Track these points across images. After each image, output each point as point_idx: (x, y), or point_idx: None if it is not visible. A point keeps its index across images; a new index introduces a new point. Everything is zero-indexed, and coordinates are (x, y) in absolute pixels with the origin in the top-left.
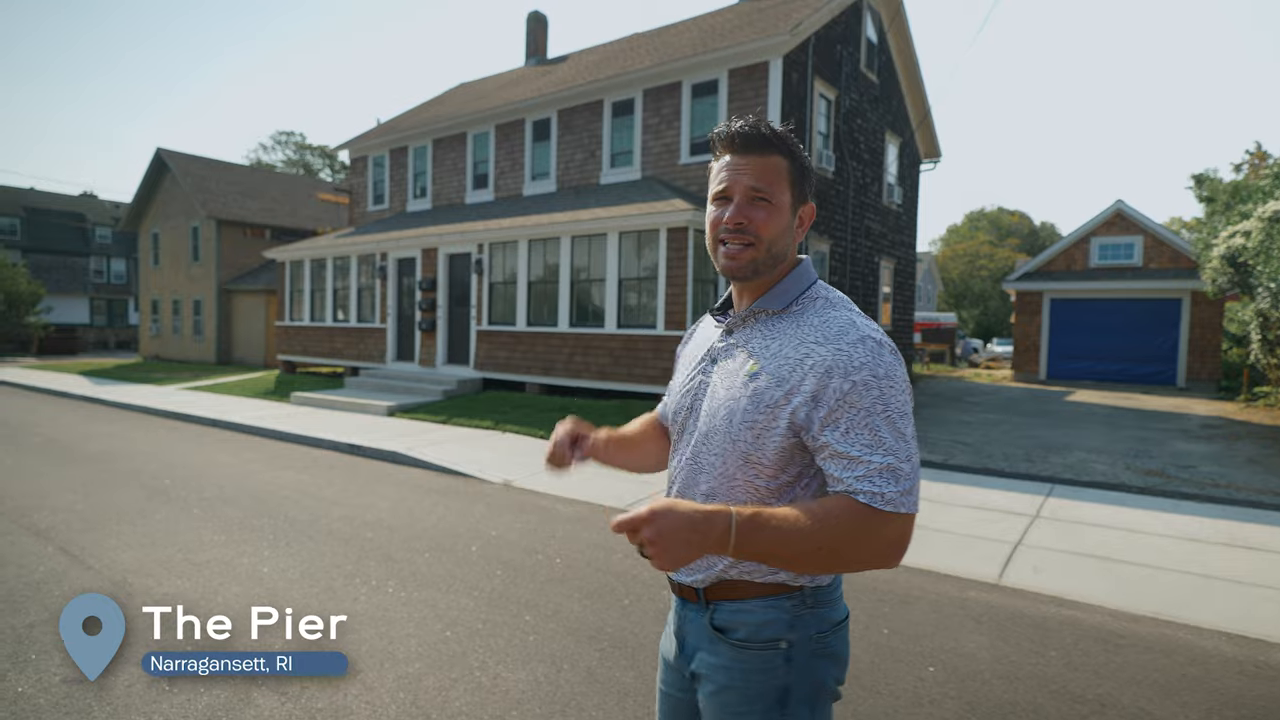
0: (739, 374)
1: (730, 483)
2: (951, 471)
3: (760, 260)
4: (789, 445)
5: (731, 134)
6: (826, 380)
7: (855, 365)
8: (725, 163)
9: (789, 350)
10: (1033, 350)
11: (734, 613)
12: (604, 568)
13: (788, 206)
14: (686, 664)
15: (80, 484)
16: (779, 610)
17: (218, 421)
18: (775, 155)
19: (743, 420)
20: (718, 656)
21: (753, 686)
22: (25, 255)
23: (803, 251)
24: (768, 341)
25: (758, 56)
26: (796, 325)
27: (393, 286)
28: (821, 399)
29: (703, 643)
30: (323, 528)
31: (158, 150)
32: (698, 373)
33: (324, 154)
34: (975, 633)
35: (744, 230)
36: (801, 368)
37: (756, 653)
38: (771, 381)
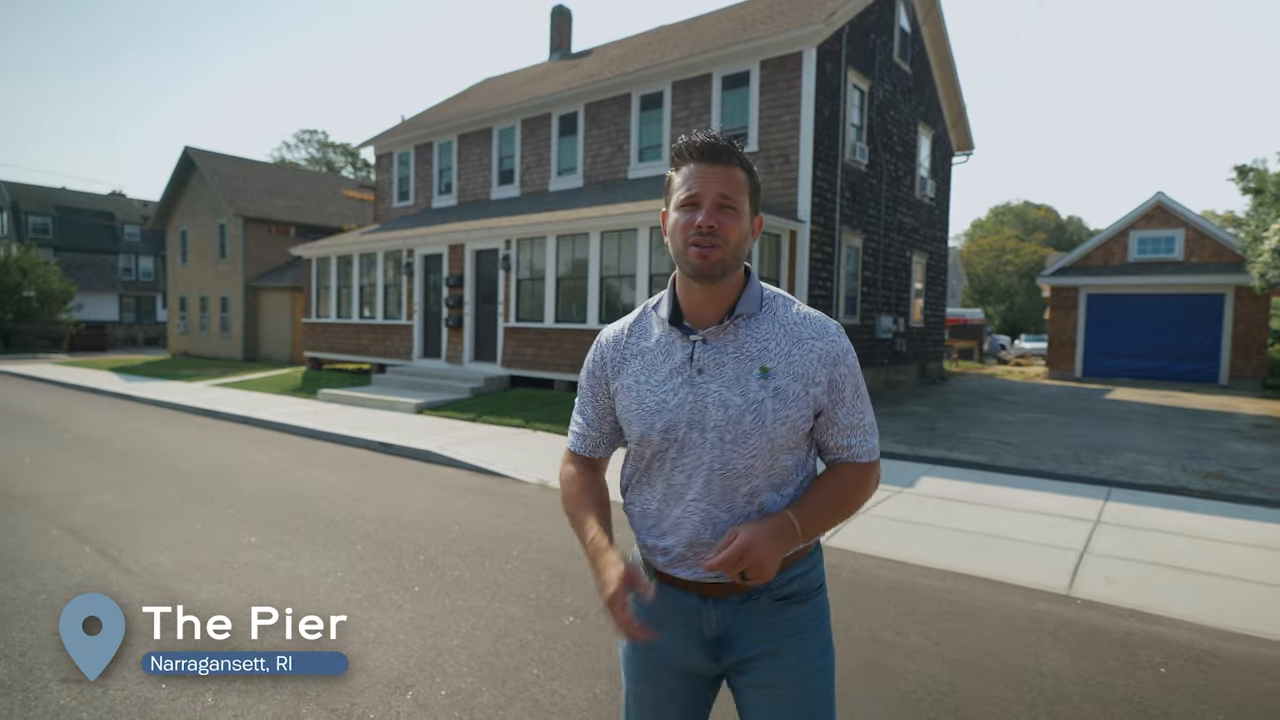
0: (749, 377)
1: (769, 475)
2: (1000, 473)
3: (727, 261)
4: (808, 428)
5: (699, 144)
6: (832, 368)
7: (842, 351)
8: (692, 170)
9: (786, 347)
10: (1068, 347)
11: (787, 581)
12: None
13: (747, 214)
14: (728, 656)
15: (114, 482)
16: (813, 563)
17: (247, 419)
18: (737, 168)
19: (776, 418)
20: (785, 623)
21: (820, 628)
22: (57, 253)
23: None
24: (764, 343)
25: (791, 47)
26: (777, 324)
27: (419, 283)
28: (834, 384)
29: (759, 623)
30: (360, 529)
31: (185, 149)
32: (683, 385)
33: (346, 151)
34: (1054, 650)
35: (715, 233)
36: (810, 361)
37: (815, 598)
38: (789, 378)
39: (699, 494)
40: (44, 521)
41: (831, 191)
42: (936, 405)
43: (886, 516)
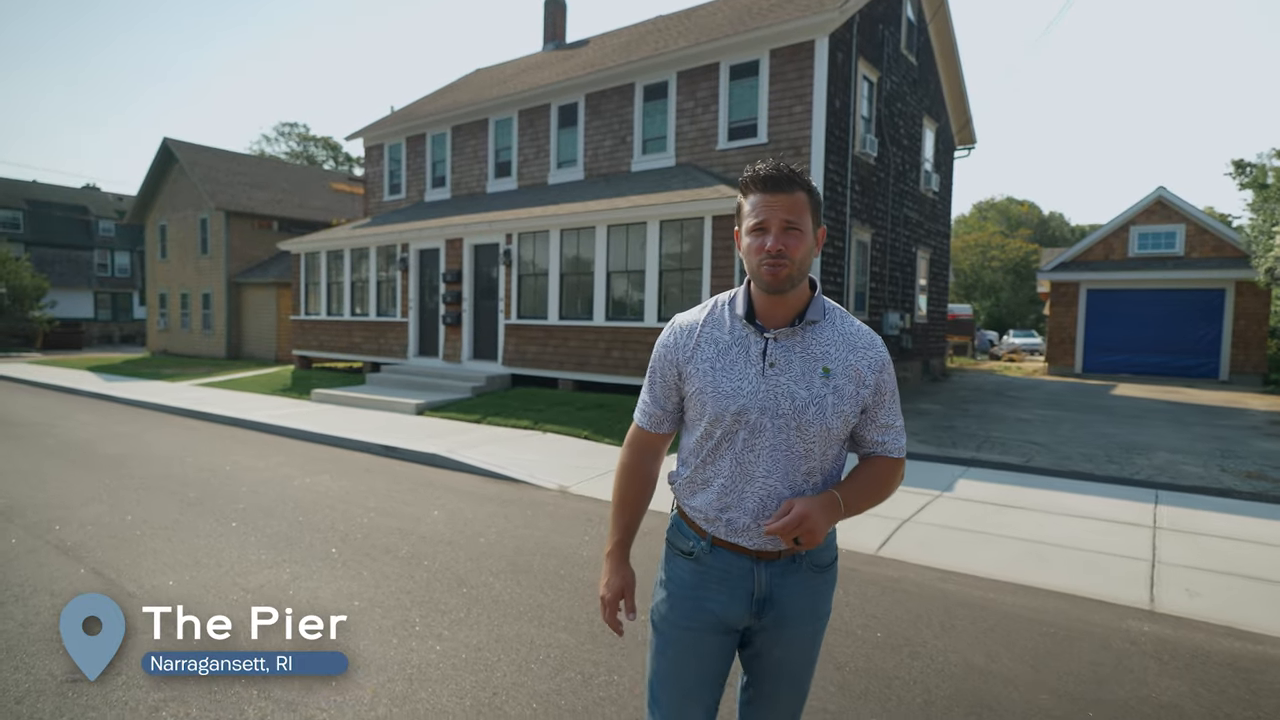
0: (813, 375)
1: (824, 459)
2: (1036, 475)
3: (795, 276)
4: (856, 422)
5: (763, 176)
6: (878, 373)
7: (885, 360)
8: (757, 200)
9: (846, 354)
10: (1068, 343)
11: (818, 552)
12: None
13: (811, 231)
14: (770, 613)
15: (105, 491)
16: (833, 538)
17: (239, 420)
18: (799, 192)
19: (834, 411)
20: (819, 586)
21: (832, 588)
22: (28, 249)
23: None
24: (826, 347)
25: (803, 35)
26: (837, 332)
27: (415, 279)
28: (879, 388)
29: (801, 585)
30: (378, 544)
31: (164, 140)
32: (755, 375)
33: (328, 145)
34: (1164, 676)
35: (783, 255)
36: (861, 365)
37: (833, 567)
38: (845, 379)
39: (767, 471)
40: (33, 538)
41: (843, 185)
42: (947, 403)
43: (935, 524)
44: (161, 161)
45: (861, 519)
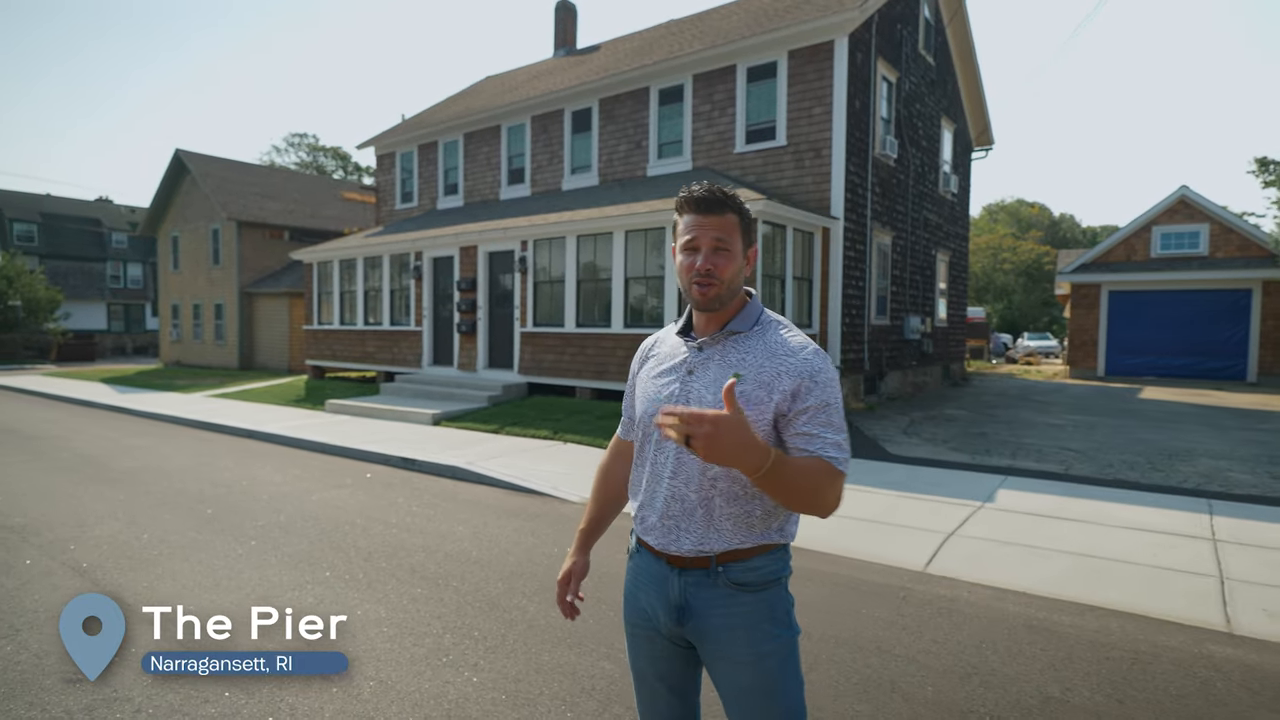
0: (724, 381)
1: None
2: (1079, 484)
3: (723, 295)
4: (770, 432)
5: (696, 198)
6: (799, 380)
7: (814, 370)
8: (690, 220)
9: (764, 361)
10: (1090, 345)
11: (746, 570)
12: None
13: (740, 252)
14: (691, 623)
15: (120, 508)
16: (775, 559)
17: (254, 433)
18: (730, 214)
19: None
20: (741, 606)
21: (774, 616)
22: (43, 261)
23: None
24: (743, 355)
25: (822, 35)
26: (763, 341)
27: (428, 287)
28: (798, 394)
29: (718, 601)
30: (403, 563)
31: (176, 151)
32: (674, 382)
33: (338, 155)
34: (1260, 709)
35: (711, 274)
36: (778, 372)
37: (771, 591)
38: (756, 385)
39: (673, 472)
40: (47, 558)
41: (863, 187)
42: (972, 408)
43: (981, 537)
44: (174, 173)
45: (905, 532)
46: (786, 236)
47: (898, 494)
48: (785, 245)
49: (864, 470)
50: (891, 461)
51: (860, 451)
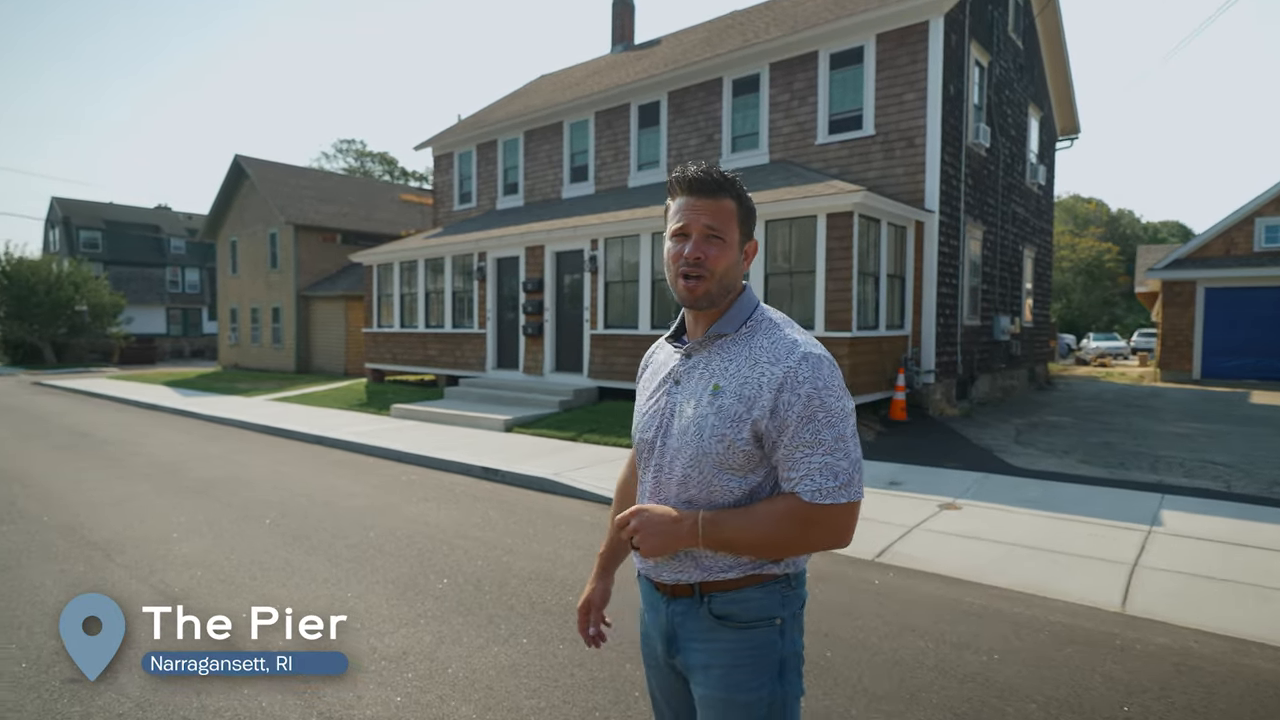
0: (704, 393)
1: (708, 490)
2: (1248, 504)
3: (714, 291)
4: (753, 452)
5: (689, 179)
6: (779, 394)
7: (800, 379)
8: (682, 203)
9: (745, 370)
10: (1184, 346)
11: (731, 601)
12: (965, 672)
13: (736, 244)
14: (679, 656)
15: (203, 522)
16: (771, 594)
17: (324, 439)
18: (727, 199)
19: (712, 434)
20: (719, 642)
21: (759, 661)
22: (106, 267)
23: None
24: (725, 363)
25: (914, 17)
26: (748, 347)
27: (492, 288)
28: (776, 410)
29: (700, 634)
30: (520, 594)
31: (235, 157)
32: (662, 395)
33: (384, 160)
34: None
35: (701, 264)
36: (758, 384)
37: (760, 630)
38: (734, 398)
39: (650, 494)
40: (136, 581)
41: (956, 178)
42: (1072, 414)
43: (1169, 569)
44: (232, 178)
45: (1077, 562)
46: (881, 231)
47: (1044, 514)
48: (880, 241)
49: (994, 486)
50: (1018, 476)
51: (978, 464)
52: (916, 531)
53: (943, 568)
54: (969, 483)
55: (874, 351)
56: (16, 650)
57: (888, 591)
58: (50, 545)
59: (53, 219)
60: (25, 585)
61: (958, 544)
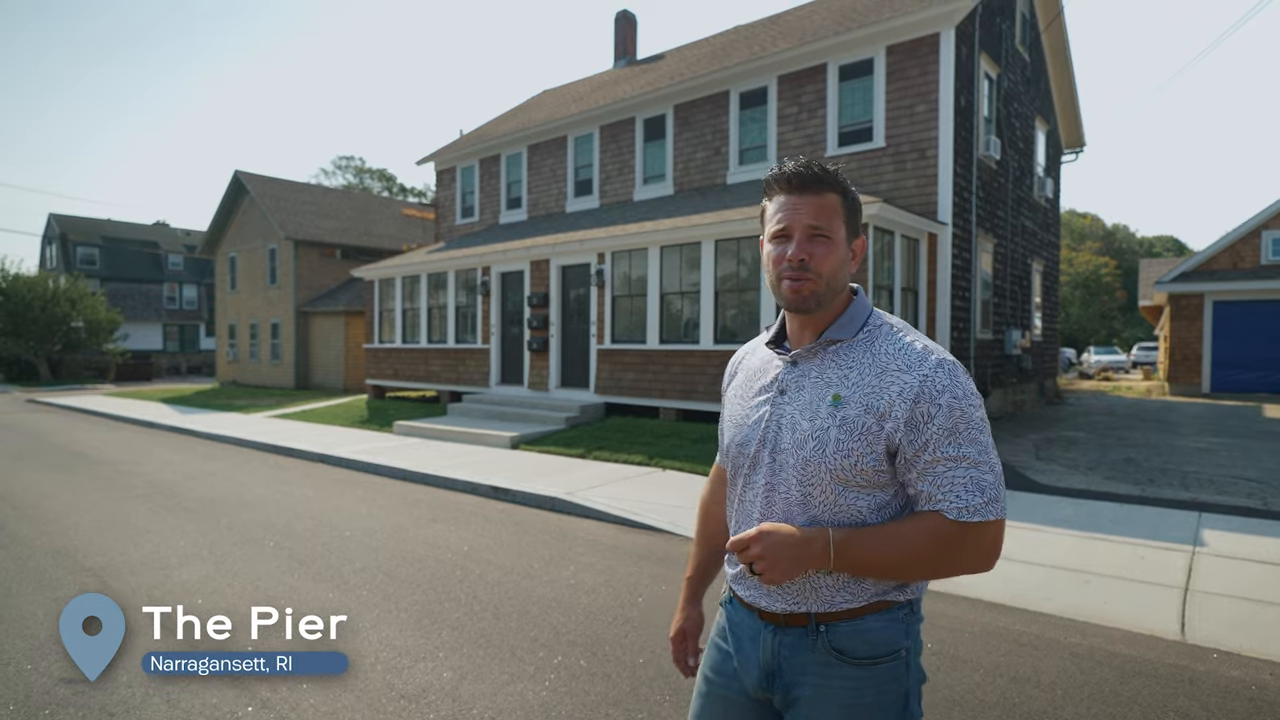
0: (821, 403)
1: (833, 508)
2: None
3: (821, 293)
4: (884, 468)
5: (788, 175)
6: (916, 405)
7: (939, 389)
8: (782, 202)
9: (871, 378)
10: (1192, 360)
11: (852, 633)
12: (1030, 710)
13: (843, 241)
14: (780, 692)
15: (203, 546)
16: (895, 622)
17: (326, 457)
18: (830, 193)
19: (836, 449)
20: (838, 679)
21: (884, 697)
22: (103, 283)
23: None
24: (845, 371)
25: (926, 28)
26: (870, 353)
27: (496, 303)
28: (914, 423)
29: (813, 669)
30: (540, 622)
31: (235, 173)
32: (764, 404)
33: (383, 177)
34: None
35: (806, 266)
36: (889, 394)
37: (885, 666)
38: (860, 409)
39: (761, 514)
40: (134, 611)
41: (968, 190)
42: (1088, 429)
43: (1225, 593)
44: (232, 194)
45: (1124, 586)
46: (894, 244)
47: (1080, 535)
48: (893, 253)
49: (1023, 505)
50: (1045, 493)
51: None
52: None
53: (985, 593)
54: None
55: None
56: (4, 690)
57: (931, 619)
58: (42, 572)
59: (50, 235)
60: (13, 615)
61: (996, 568)
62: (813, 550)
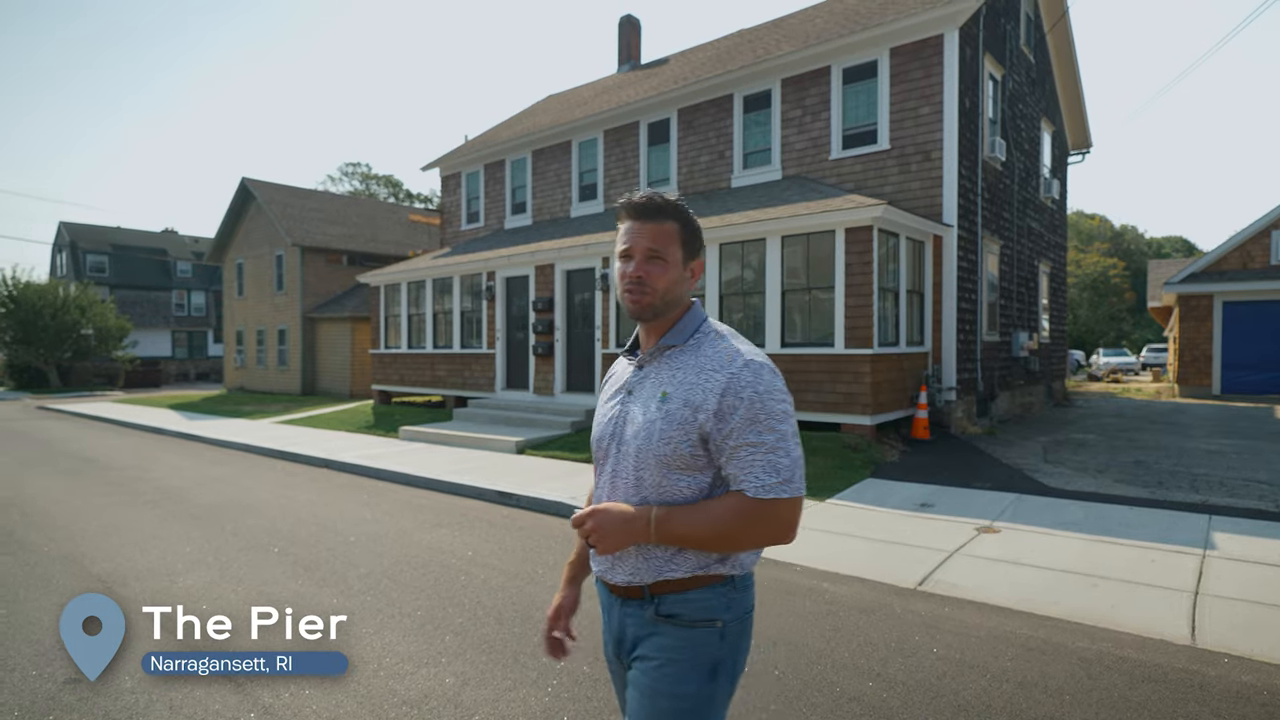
0: (653, 400)
1: (660, 490)
2: None
3: (657, 305)
4: (699, 453)
5: (634, 204)
6: (723, 398)
7: (743, 384)
8: (627, 227)
9: (692, 377)
10: (1202, 361)
11: (679, 601)
12: (1037, 715)
13: (679, 262)
14: (627, 655)
15: (208, 552)
16: (714, 595)
17: (332, 462)
18: (669, 221)
19: (659, 437)
20: (663, 638)
21: (696, 658)
22: (113, 291)
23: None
24: (674, 372)
25: (929, 30)
26: (696, 356)
27: (501, 308)
28: (721, 413)
29: (645, 631)
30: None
31: (242, 180)
32: (617, 404)
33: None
34: None
35: (643, 283)
36: (704, 389)
37: (700, 630)
38: (680, 403)
39: (608, 497)
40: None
41: (973, 192)
42: (1097, 431)
43: (1237, 597)
44: (239, 200)
45: (1138, 591)
46: (899, 246)
47: (1089, 538)
48: (899, 255)
49: (1031, 508)
50: (1054, 496)
51: (1010, 484)
52: (957, 557)
53: (992, 597)
54: (1004, 504)
55: (895, 369)
56: (9, 696)
57: (936, 624)
58: (50, 578)
59: (60, 243)
60: (21, 621)
61: (1003, 571)
62: (637, 525)
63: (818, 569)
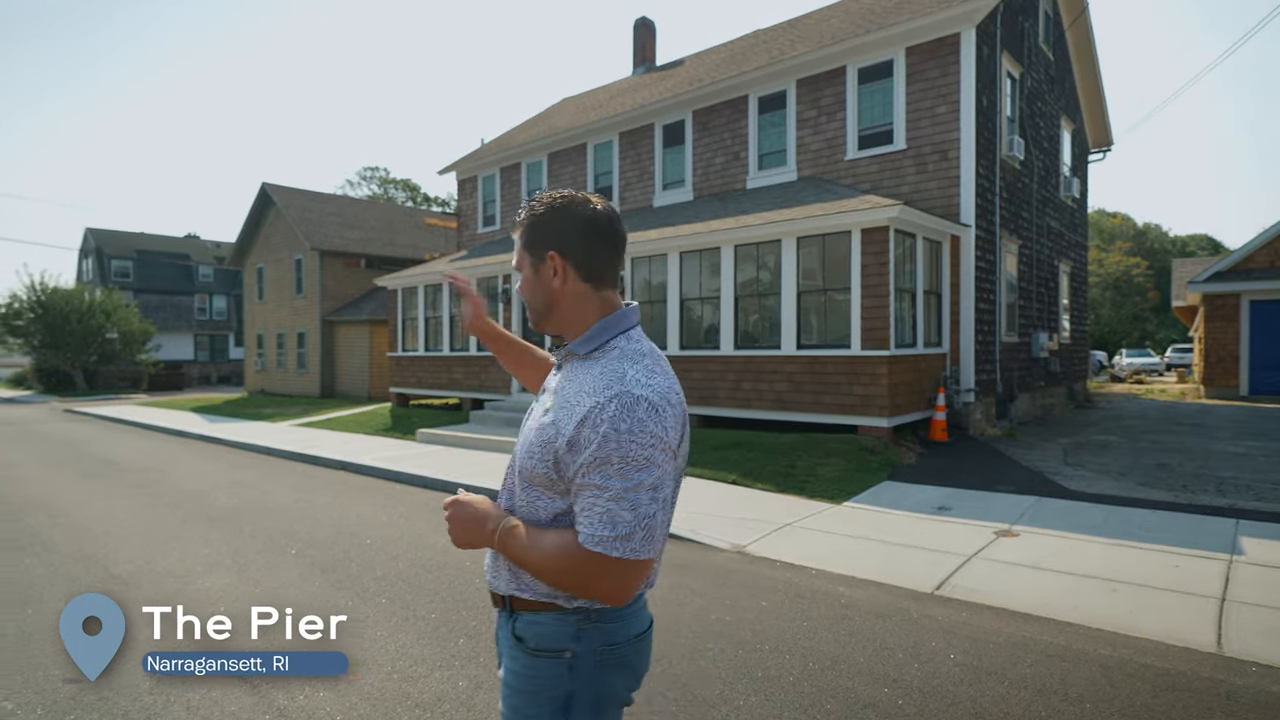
0: (540, 409)
1: (526, 504)
2: None
3: (540, 314)
4: (554, 476)
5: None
6: (580, 428)
7: (601, 419)
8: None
9: (571, 396)
10: (1229, 361)
11: (529, 623)
12: None
13: (532, 268)
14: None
15: (227, 554)
16: (564, 624)
17: (350, 465)
18: (520, 234)
19: (526, 453)
20: (515, 661)
21: (540, 691)
22: (137, 295)
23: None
24: (566, 383)
25: (946, 28)
26: (588, 373)
27: (517, 310)
28: (575, 444)
29: (506, 648)
30: None
31: (263, 185)
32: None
33: (407, 187)
34: None
35: (522, 297)
36: (570, 413)
37: (545, 660)
38: (552, 420)
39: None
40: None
41: (992, 191)
42: (1119, 433)
43: (1265, 604)
44: (260, 205)
45: (1162, 597)
46: (916, 246)
47: (1111, 542)
48: (915, 256)
49: (1051, 511)
50: (1075, 499)
51: (1029, 487)
52: (975, 561)
53: (1011, 602)
54: (1023, 507)
55: (912, 370)
56: (32, 695)
57: (953, 629)
58: (73, 579)
59: (86, 249)
60: (44, 624)
61: (1023, 575)
62: (485, 529)
63: (833, 572)
